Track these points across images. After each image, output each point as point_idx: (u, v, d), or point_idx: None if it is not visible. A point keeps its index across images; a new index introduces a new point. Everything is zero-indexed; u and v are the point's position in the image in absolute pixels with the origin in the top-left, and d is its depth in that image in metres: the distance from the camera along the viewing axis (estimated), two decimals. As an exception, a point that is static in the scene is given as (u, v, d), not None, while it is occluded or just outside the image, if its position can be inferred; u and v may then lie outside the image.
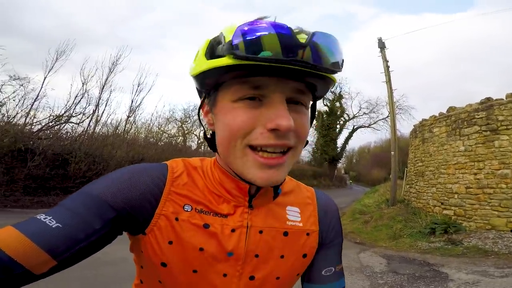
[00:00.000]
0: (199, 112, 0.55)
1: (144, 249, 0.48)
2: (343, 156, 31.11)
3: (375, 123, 27.37)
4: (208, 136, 0.53)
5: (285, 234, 0.52)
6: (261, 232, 0.51)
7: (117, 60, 11.32)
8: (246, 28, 0.40)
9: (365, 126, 27.82)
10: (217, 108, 0.47)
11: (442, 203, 6.92)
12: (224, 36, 0.42)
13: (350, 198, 15.00)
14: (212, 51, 0.44)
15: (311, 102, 0.50)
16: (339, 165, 32.95)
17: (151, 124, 13.55)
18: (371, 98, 28.84)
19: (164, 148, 12.15)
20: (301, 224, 0.54)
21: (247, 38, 0.39)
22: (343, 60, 0.45)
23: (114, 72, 11.27)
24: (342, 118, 27.17)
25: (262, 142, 0.43)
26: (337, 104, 26.20)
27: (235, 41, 0.39)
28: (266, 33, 0.39)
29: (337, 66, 0.43)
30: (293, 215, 0.55)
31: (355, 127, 27.91)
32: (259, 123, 0.43)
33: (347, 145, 28.40)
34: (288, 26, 0.40)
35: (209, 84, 0.47)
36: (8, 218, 5.15)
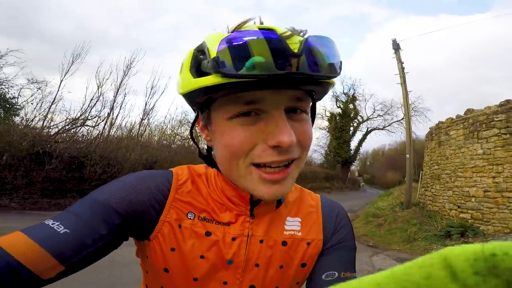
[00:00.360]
0: (191, 129, 0.53)
1: (149, 255, 0.49)
2: (357, 158, 30.61)
3: (389, 125, 26.80)
4: (204, 153, 0.52)
5: (284, 244, 0.52)
6: (261, 241, 0.50)
7: (131, 63, 11.42)
8: (230, 38, 0.37)
9: (379, 128, 27.29)
10: (212, 126, 0.46)
11: (458, 207, 6.79)
12: (208, 48, 0.39)
13: (363, 201, 14.80)
14: (197, 65, 0.41)
15: (310, 104, 0.49)
16: (353, 167, 32.46)
17: (165, 127, 13.61)
18: (385, 100, 28.43)
19: (177, 151, 12.16)
20: (300, 234, 0.53)
21: (233, 51, 0.37)
22: (341, 62, 0.42)
23: (129, 75, 11.38)
24: (355, 120, 26.78)
25: (266, 160, 0.42)
26: (351, 106, 25.86)
27: (221, 56, 0.37)
28: (254, 37, 0.36)
29: (334, 71, 0.41)
30: (293, 225, 0.54)
31: (369, 129, 27.46)
32: (259, 139, 0.42)
33: (360, 148, 28.00)
34: (276, 29, 0.39)
35: (200, 102, 0.46)
36: (27, 221, 5.22)
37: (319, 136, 27.71)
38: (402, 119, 23.69)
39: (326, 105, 26.36)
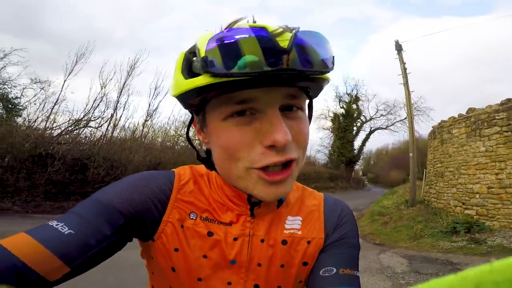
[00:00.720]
0: (187, 131, 0.52)
1: (154, 255, 0.49)
2: (361, 158, 30.59)
3: (392, 125, 26.75)
4: (203, 155, 0.51)
5: (284, 243, 0.51)
6: (262, 241, 0.50)
7: (135, 64, 11.20)
8: (221, 36, 0.37)
9: (382, 128, 27.27)
10: (208, 128, 0.46)
11: (463, 203, 6.88)
12: (198, 48, 0.39)
13: (368, 200, 14.80)
14: (188, 66, 0.41)
15: (307, 101, 0.48)
16: (357, 167, 32.39)
17: (168, 128, 13.37)
18: (388, 100, 28.41)
19: (180, 152, 11.97)
20: (300, 233, 0.52)
21: (223, 49, 0.36)
22: (333, 57, 0.42)
23: (132, 76, 11.16)
24: (358, 120, 26.83)
25: (265, 163, 0.41)
26: (354, 106, 25.94)
27: (210, 56, 0.36)
28: (245, 36, 0.36)
29: (326, 66, 0.40)
30: (293, 224, 0.53)
31: (372, 129, 27.48)
32: (256, 140, 0.41)
33: (364, 147, 27.99)
34: (268, 27, 0.38)
35: (193, 104, 0.45)
36: (30, 224, 4.65)
37: (322, 137, 27.91)
38: (405, 118, 23.71)
39: (330, 105, 26.50)
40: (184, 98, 0.43)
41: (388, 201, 11.69)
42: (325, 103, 27.41)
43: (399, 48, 10.32)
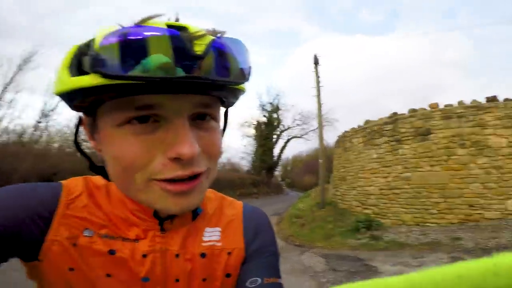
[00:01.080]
0: (75, 137, 0.47)
1: (44, 277, 0.44)
2: (279, 164, 32.84)
3: (306, 134, 29.75)
4: (98, 164, 0.46)
5: (203, 255, 0.49)
6: (177, 255, 0.47)
7: (30, 57, 9.74)
8: (125, 32, 0.32)
9: (297, 137, 29.99)
10: (99, 134, 0.40)
11: (362, 204, 8.07)
12: (93, 42, 0.33)
13: (287, 204, 15.78)
14: (77, 62, 0.35)
15: (223, 109, 0.45)
16: (276, 173, 34.61)
17: (68, 131, 11.61)
18: (303, 111, 31.37)
19: (82, 160, 10.70)
20: (220, 244, 0.50)
21: (125, 46, 0.31)
22: (250, 68, 0.39)
23: (25, 70, 9.68)
24: (278, 129, 28.82)
25: (167, 176, 0.37)
26: (275, 115, 27.74)
27: (103, 52, 0.31)
28: (156, 33, 0.31)
29: (243, 76, 0.38)
30: (212, 235, 0.51)
31: (289, 137, 29.91)
32: (158, 151, 0.37)
33: (282, 154, 30.21)
34: (189, 27, 0.35)
35: (80, 106, 0.39)
36: None
37: (246, 144, 28.72)
38: (316, 128, 26.65)
39: (254, 113, 27.54)
40: (68, 98, 0.37)
41: (303, 204, 12.77)
42: (250, 111, 28.34)
43: (316, 61, 11.52)
